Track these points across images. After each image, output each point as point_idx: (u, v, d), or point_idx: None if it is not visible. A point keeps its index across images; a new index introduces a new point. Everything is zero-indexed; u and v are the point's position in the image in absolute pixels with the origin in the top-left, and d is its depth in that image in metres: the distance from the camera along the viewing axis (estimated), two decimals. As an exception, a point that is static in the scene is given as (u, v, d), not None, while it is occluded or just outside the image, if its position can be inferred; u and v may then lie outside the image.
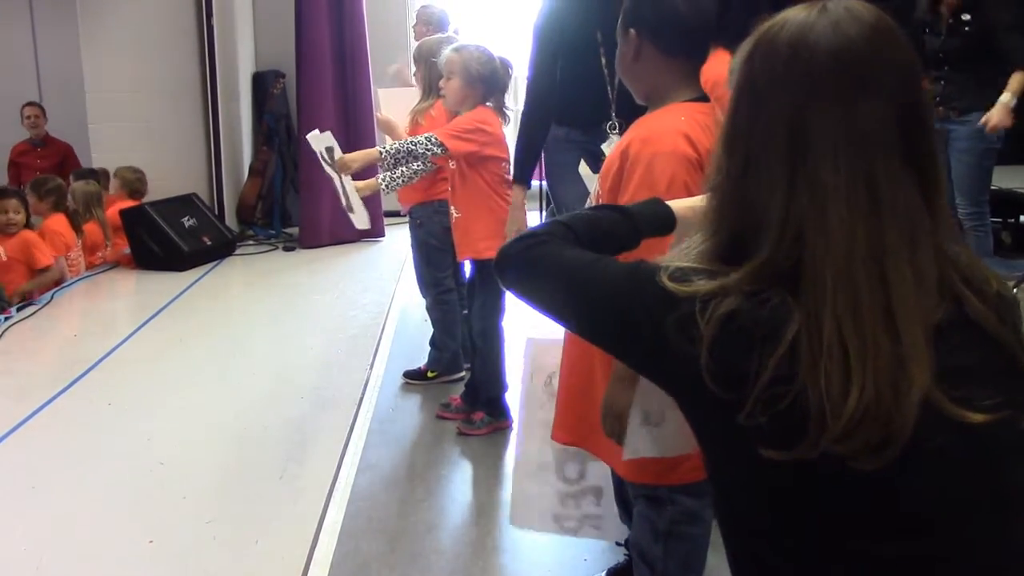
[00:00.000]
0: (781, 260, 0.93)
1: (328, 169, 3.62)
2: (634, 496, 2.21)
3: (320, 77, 7.27)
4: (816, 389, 0.88)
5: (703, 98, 2.00)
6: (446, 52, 3.68)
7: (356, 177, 3.79)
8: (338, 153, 3.61)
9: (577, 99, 3.25)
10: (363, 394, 4.17)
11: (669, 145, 1.88)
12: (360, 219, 3.84)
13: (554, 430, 2.24)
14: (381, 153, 3.56)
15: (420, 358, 4.42)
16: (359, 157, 3.65)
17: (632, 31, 1.95)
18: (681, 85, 1.98)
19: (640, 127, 1.99)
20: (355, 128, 7.39)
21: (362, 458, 3.57)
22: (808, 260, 0.91)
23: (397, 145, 3.56)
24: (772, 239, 0.93)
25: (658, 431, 1.87)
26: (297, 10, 7.20)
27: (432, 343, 4.34)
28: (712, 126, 1.96)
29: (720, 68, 2.37)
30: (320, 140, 3.64)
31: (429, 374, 4.32)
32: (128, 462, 3.50)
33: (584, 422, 2.15)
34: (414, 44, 7.20)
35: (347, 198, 3.71)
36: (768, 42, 0.96)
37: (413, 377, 4.35)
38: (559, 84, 3.29)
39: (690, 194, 1.84)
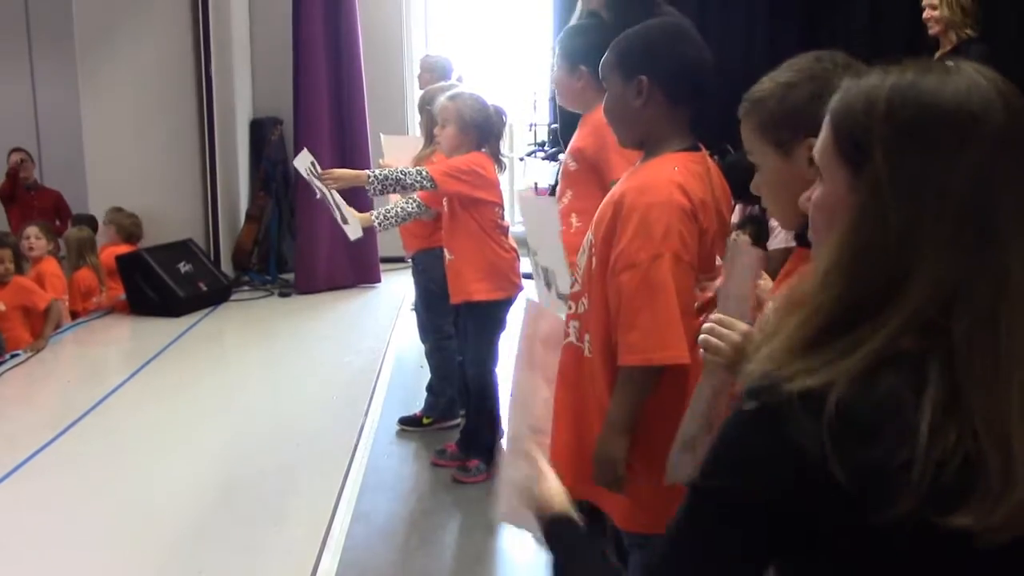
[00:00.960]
0: (926, 319, 0.91)
1: (316, 183, 3.63)
2: (628, 545, 2.18)
3: (317, 124, 7.31)
4: (996, 455, 0.87)
5: (694, 147, 2.04)
6: (440, 100, 3.72)
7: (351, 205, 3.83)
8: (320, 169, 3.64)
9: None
10: (358, 440, 4.14)
11: (664, 195, 1.91)
12: (353, 230, 3.84)
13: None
14: (369, 177, 3.57)
15: (416, 404, 4.41)
16: (346, 174, 3.69)
17: (644, 78, 1.98)
18: (677, 134, 2.02)
19: (635, 177, 2.02)
20: (352, 174, 7.43)
21: (356, 505, 3.54)
22: (977, 322, 0.90)
23: (386, 172, 3.57)
24: (918, 298, 0.91)
25: (695, 455, 1.85)
26: (295, 58, 7.26)
27: (429, 389, 4.33)
28: (704, 175, 2.00)
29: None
30: (303, 160, 3.68)
31: (425, 420, 4.30)
32: (121, 509, 3.47)
33: (577, 470, 2.12)
34: (418, 92, 7.30)
35: (339, 210, 3.72)
36: (927, 99, 0.95)
37: (409, 423, 4.33)
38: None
39: (683, 243, 1.89)
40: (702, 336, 1.43)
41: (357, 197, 3.99)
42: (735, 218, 5.57)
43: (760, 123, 1.53)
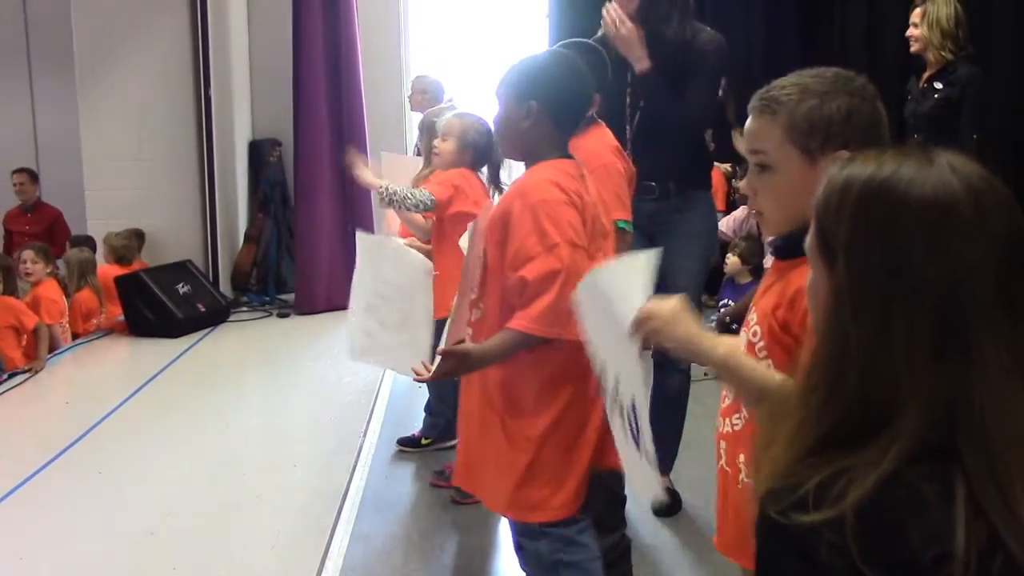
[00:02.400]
0: (931, 432, 0.89)
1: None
2: (518, 535, 2.37)
3: (317, 145, 7.32)
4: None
5: (565, 156, 2.30)
6: (447, 115, 3.76)
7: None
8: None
9: None
10: (356, 461, 4.12)
11: (543, 192, 2.16)
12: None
13: (454, 475, 2.50)
14: (382, 187, 3.59)
15: (414, 425, 4.39)
16: (366, 175, 3.73)
17: (534, 103, 2.22)
18: (554, 148, 2.28)
19: (517, 185, 2.29)
20: (351, 195, 7.43)
21: (355, 527, 3.52)
22: (977, 429, 0.88)
23: (395, 188, 3.60)
24: (918, 409, 0.89)
25: None
26: (295, 79, 7.28)
27: (427, 409, 4.31)
28: (575, 175, 2.25)
29: (597, 142, 2.92)
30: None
31: (423, 441, 4.28)
32: (118, 532, 3.45)
33: (472, 469, 2.37)
34: (411, 113, 7.32)
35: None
36: (893, 199, 0.92)
37: (407, 444, 4.31)
38: None
39: (575, 230, 2.13)
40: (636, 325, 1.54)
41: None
42: (726, 226, 5.58)
43: (790, 125, 1.52)
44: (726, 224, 5.26)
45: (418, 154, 5.19)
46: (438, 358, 2.26)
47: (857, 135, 1.50)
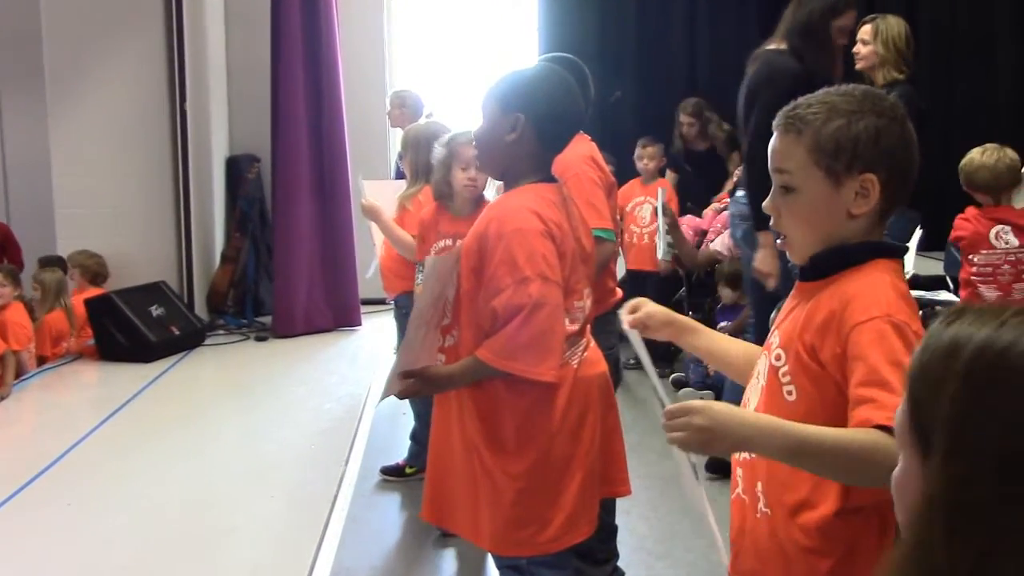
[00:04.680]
0: None
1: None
2: (499, 568, 2.34)
3: (297, 161, 7.24)
4: None
5: (548, 179, 2.26)
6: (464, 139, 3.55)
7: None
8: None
9: None
10: (338, 491, 4.06)
11: (520, 222, 2.13)
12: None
13: (423, 508, 2.45)
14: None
15: (398, 453, 4.30)
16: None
17: (520, 116, 2.17)
18: (536, 169, 2.24)
19: (494, 209, 2.27)
20: (332, 212, 7.36)
21: (336, 560, 3.46)
22: None
23: None
24: None
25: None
26: (273, 93, 7.21)
27: (413, 437, 4.22)
28: (560, 203, 2.22)
29: (571, 152, 2.65)
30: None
31: (408, 470, 4.19)
32: (88, 565, 3.39)
33: (443, 502, 2.35)
34: (390, 129, 7.24)
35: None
36: (1016, 375, 0.71)
37: (391, 473, 4.22)
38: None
39: (548, 263, 2.10)
40: (668, 436, 1.44)
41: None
42: (720, 244, 5.49)
43: (815, 146, 1.49)
44: (720, 242, 5.16)
45: (399, 170, 5.10)
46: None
47: (884, 157, 1.49)
